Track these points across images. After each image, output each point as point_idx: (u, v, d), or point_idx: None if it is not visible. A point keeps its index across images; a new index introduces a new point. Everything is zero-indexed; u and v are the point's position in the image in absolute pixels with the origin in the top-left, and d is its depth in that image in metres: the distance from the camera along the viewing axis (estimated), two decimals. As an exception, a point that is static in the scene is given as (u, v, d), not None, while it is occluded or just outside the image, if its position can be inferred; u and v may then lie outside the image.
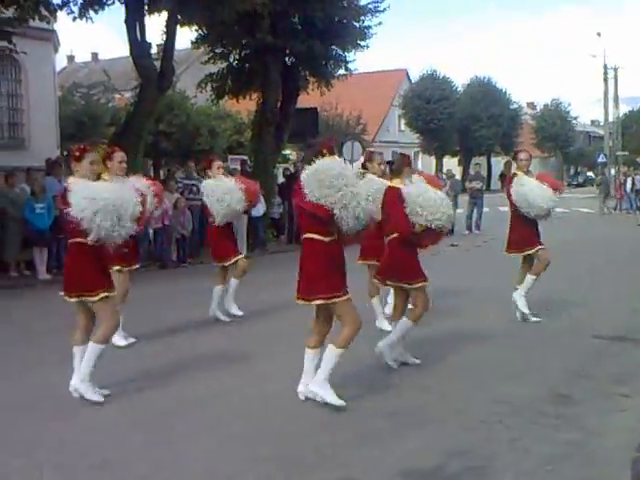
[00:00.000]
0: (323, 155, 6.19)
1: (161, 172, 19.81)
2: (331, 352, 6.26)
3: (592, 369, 7.59)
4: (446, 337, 8.76)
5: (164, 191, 9.64)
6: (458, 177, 33.30)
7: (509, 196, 9.57)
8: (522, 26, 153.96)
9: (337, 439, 5.66)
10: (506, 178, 10.49)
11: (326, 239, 6.16)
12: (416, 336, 8.44)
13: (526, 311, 9.70)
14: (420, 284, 7.41)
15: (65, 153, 6.45)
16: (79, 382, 6.45)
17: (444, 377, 7.30)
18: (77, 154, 6.27)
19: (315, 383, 6.30)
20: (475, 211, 24.57)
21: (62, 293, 6.50)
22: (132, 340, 8.65)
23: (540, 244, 9.63)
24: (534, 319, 9.71)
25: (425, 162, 58.47)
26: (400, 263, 7.41)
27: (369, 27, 22.18)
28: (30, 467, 5.19)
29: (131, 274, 8.64)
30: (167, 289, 13.23)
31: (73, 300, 6.44)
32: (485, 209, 25.45)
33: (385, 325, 9.01)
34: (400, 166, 7.44)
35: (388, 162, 7.74)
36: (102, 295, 6.38)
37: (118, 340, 8.49)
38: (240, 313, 10.05)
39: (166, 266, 16.01)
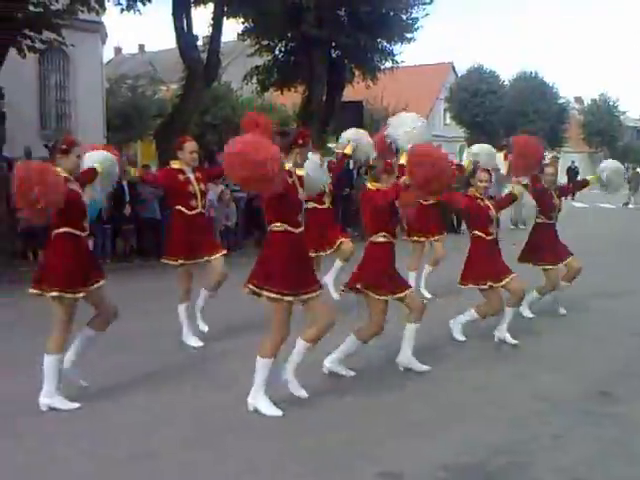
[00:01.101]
0: (298, 145, 6.03)
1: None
2: (299, 345, 6.18)
3: (635, 367, 7.51)
4: (488, 333, 8.67)
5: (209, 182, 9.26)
6: (503, 172, 32.90)
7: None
8: (570, 20, 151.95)
9: (378, 432, 5.65)
10: None
11: (296, 231, 6.00)
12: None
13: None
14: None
15: (50, 145, 6.39)
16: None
17: (485, 372, 7.24)
18: (65, 147, 6.21)
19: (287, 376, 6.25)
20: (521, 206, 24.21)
21: (34, 290, 6.03)
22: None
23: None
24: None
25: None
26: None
27: (416, 19, 22.09)
28: (68, 457, 5.23)
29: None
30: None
31: (79, 296, 6.11)
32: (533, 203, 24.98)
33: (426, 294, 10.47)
34: (380, 172, 6.97)
35: (370, 167, 7.36)
36: (102, 282, 6.32)
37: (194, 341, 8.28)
38: None
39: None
